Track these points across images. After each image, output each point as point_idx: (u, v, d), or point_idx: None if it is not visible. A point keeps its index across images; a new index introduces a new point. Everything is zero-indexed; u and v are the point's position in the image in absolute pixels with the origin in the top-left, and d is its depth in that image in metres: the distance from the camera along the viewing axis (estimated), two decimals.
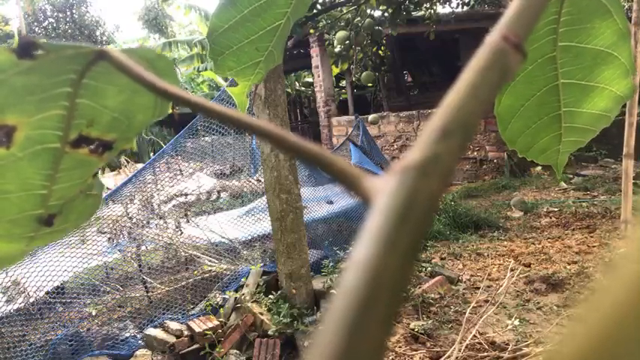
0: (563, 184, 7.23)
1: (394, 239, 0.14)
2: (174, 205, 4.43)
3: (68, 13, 15.48)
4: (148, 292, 3.65)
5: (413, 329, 3.26)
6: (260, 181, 4.73)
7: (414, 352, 3.03)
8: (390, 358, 2.96)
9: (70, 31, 15.34)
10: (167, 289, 3.64)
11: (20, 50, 0.27)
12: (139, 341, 3.28)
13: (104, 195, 3.75)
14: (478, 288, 3.76)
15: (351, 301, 0.13)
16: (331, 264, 3.89)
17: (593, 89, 0.53)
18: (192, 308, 3.56)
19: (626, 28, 0.49)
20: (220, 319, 3.32)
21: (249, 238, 4.28)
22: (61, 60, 0.29)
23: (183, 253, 3.95)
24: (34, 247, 0.40)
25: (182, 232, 4.07)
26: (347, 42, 5.12)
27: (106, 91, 0.33)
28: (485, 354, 2.87)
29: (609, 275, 0.12)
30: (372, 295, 0.13)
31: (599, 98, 0.54)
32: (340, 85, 14.32)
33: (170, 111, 0.37)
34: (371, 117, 8.04)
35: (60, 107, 0.32)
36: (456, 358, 2.70)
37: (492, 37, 0.17)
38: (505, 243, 5.05)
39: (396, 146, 9.38)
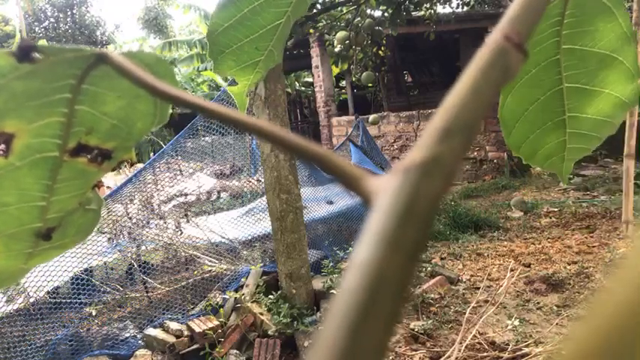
0: (563, 184, 7.23)
1: (396, 240, 0.14)
2: (174, 205, 4.43)
3: (68, 13, 15.48)
4: (147, 292, 3.65)
5: (413, 329, 3.26)
6: (260, 181, 4.73)
7: (414, 352, 3.03)
8: (390, 358, 2.96)
9: (70, 31, 15.33)
10: (167, 289, 3.64)
11: (20, 54, 0.27)
12: (139, 341, 3.28)
13: (104, 195, 3.75)
14: (478, 288, 3.76)
15: (352, 302, 0.13)
16: (331, 264, 3.89)
17: (598, 94, 0.52)
18: (192, 308, 3.56)
19: (630, 32, 0.48)
20: (220, 319, 3.32)
21: (249, 238, 4.28)
22: (60, 64, 0.29)
23: (183, 253, 3.95)
24: (32, 265, 0.38)
25: (182, 232, 4.06)
26: (347, 42, 5.12)
27: (106, 97, 0.32)
28: (486, 354, 2.87)
29: (613, 277, 0.12)
30: (374, 296, 0.13)
31: (604, 104, 0.52)
32: (340, 85, 14.32)
33: (170, 112, 0.36)
34: (371, 117, 8.03)
35: (59, 114, 0.31)
36: (456, 358, 2.70)
37: (494, 37, 0.17)
38: (505, 243, 5.05)
39: (396, 146, 9.38)
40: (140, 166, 4.97)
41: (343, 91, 13.75)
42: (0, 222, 0.34)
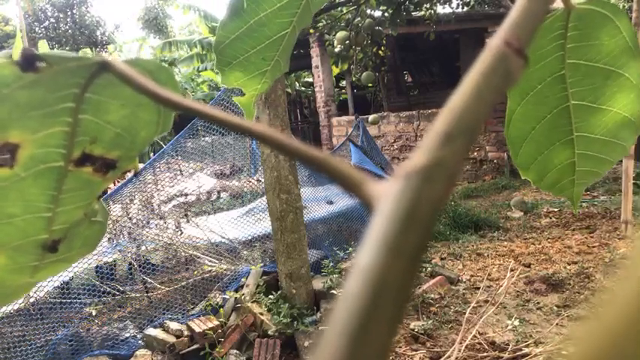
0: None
1: (398, 245, 0.14)
2: (174, 205, 4.43)
3: (68, 13, 15.47)
4: (148, 292, 3.65)
5: (413, 329, 3.26)
6: (260, 181, 4.73)
7: (414, 352, 3.03)
8: (390, 358, 2.96)
9: (70, 31, 15.32)
10: (167, 289, 3.64)
11: (24, 63, 0.27)
12: (139, 341, 3.28)
13: (104, 195, 3.75)
14: (478, 288, 3.76)
15: (355, 307, 0.13)
16: (331, 264, 3.89)
17: (605, 113, 0.49)
18: (192, 308, 3.56)
19: (635, 46, 0.45)
20: (220, 319, 3.32)
21: (249, 238, 4.28)
22: (64, 73, 0.29)
23: (183, 253, 3.95)
24: (38, 279, 0.38)
25: (182, 232, 4.06)
26: (347, 42, 5.12)
27: (109, 105, 0.32)
28: (485, 354, 2.87)
29: (614, 278, 0.12)
30: (376, 301, 0.13)
31: (612, 123, 0.50)
32: (340, 85, 14.33)
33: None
34: (371, 117, 8.03)
35: (63, 123, 0.31)
36: (456, 358, 2.70)
37: (494, 42, 0.17)
38: (505, 243, 5.05)
39: (396, 146, 9.38)
40: (140, 166, 4.97)
41: (343, 91, 13.75)
42: (5, 234, 0.33)
